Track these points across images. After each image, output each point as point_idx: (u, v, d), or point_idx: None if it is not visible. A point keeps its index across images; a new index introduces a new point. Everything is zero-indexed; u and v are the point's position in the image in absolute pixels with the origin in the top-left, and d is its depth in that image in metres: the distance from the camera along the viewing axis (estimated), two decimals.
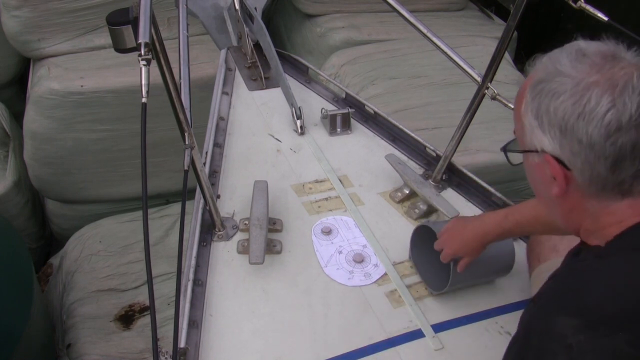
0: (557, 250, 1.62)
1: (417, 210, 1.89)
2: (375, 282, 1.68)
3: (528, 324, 1.08)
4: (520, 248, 1.76)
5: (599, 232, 1.07)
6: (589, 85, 0.98)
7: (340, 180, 1.96)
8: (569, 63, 1.02)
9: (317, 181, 1.95)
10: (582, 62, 1.01)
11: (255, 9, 2.30)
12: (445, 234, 1.59)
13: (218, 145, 1.99)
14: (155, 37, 1.19)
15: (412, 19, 1.78)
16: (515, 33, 3.31)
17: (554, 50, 1.08)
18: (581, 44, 1.06)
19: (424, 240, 1.69)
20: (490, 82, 1.67)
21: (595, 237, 1.08)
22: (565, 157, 1.02)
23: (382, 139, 2.12)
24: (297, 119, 2.08)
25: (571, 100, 0.99)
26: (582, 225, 1.10)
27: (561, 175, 1.04)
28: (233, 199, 1.85)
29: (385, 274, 1.71)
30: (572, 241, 1.58)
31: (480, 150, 2.69)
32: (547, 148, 1.04)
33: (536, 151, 1.06)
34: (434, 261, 1.66)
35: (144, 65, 0.99)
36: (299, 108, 2.10)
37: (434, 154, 2.03)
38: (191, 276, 1.59)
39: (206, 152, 1.92)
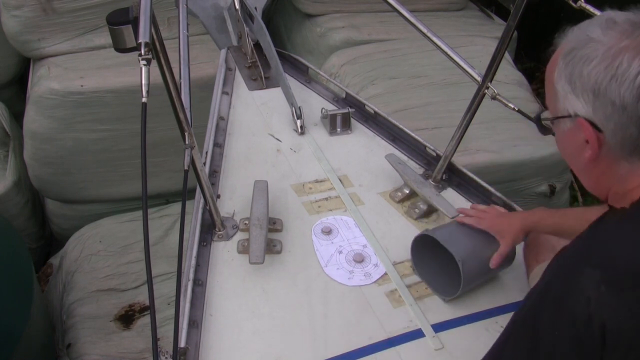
0: (556, 251, 1.62)
1: (417, 210, 1.89)
2: (375, 281, 1.69)
3: (549, 275, 1.11)
4: (519, 246, 1.76)
5: (626, 194, 1.11)
6: (620, 50, 1.03)
7: (340, 180, 1.96)
8: (600, 31, 1.06)
9: (317, 181, 1.95)
10: (612, 29, 1.06)
11: (256, 8, 2.30)
12: (492, 212, 1.66)
13: (218, 145, 1.99)
14: (155, 37, 1.19)
15: (412, 19, 1.78)
16: (515, 33, 3.31)
17: (583, 22, 1.13)
18: (611, 13, 1.10)
19: (425, 248, 1.67)
20: (491, 82, 1.67)
21: (623, 201, 1.12)
22: (598, 119, 1.06)
23: (382, 138, 2.12)
24: (297, 119, 2.09)
25: (603, 64, 1.03)
26: (612, 189, 1.14)
27: (594, 138, 1.07)
28: (233, 199, 1.85)
29: (385, 273, 1.71)
30: None
31: (480, 150, 2.69)
32: (580, 112, 1.08)
33: (569, 116, 1.10)
34: (439, 267, 1.65)
35: (144, 65, 0.99)
36: (299, 108, 2.10)
37: (434, 154, 2.03)
38: (191, 276, 1.59)
39: (206, 152, 1.92)
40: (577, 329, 1.00)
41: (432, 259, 1.68)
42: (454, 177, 2.01)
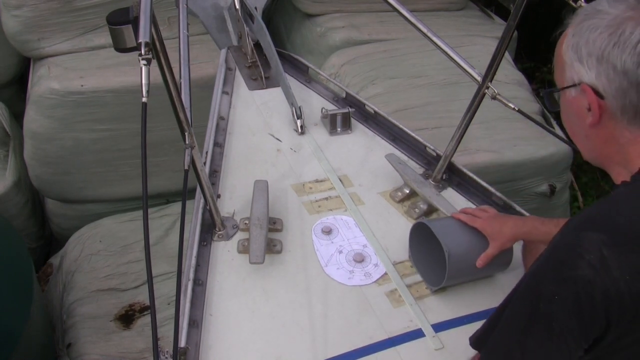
0: None
1: (417, 210, 1.89)
2: (375, 281, 1.69)
3: (555, 240, 1.13)
4: (518, 246, 1.76)
5: (627, 164, 1.15)
6: (625, 20, 1.08)
7: (340, 180, 1.96)
8: (607, 3, 1.12)
9: (317, 181, 1.95)
10: (619, 2, 1.11)
11: (256, 8, 2.30)
12: (489, 213, 1.67)
13: (218, 145, 1.99)
14: (155, 37, 1.19)
15: (412, 19, 1.78)
16: (516, 33, 3.32)
17: (590, 4, 1.18)
18: None
19: (421, 237, 1.70)
20: (491, 81, 1.67)
21: (625, 170, 1.15)
22: (601, 85, 1.10)
23: (382, 138, 2.12)
24: (297, 119, 2.08)
25: (608, 31, 1.09)
26: (614, 158, 1.18)
27: (595, 104, 1.12)
28: (233, 199, 1.85)
29: (386, 273, 1.71)
30: None
31: (480, 150, 2.69)
32: (584, 78, 1.12)
33: (574, 85, 1.14)
34: (432, 258, 1.67)
35: (144, 64, 0.99)
36: (299, 107, 2.10)
37: (434, 154, 2.03)
38: (191, 276, 1.59)
39: (206, 152, 1.92)
40: (577, 292, 1.02)
41: (427, 250, 1.70)
42: (454, 177, 2.01)
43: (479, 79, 1.69)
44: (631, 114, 1.11)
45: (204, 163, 1.86)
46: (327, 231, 1.80)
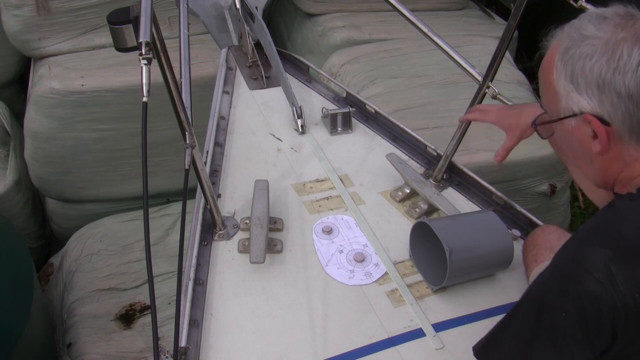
0: (555, 251, 1.62)
1: (417, 210, 1.89)
2: (376, 281, 1.69)
3: (559, 255, 1.12)
4: (519, 245, 1.76)
5: (633, 180, 1.13)
6: (618, 42, 1.06)
7: (340, 180, 1.96)
8: (593, 27, 1.09)
9: (317, 180, 1.95)
10: (605, 24, 1.08)
11: (256, 8, 2.30)
12: (498, 106, 1.63)
13: (219, 145, 1.99)
14: (156, 36, 1.19)
15: (412, 18, 1.78)
16: (516, 32, 3.32)
17: (570, 22, 1.16)
18: (596, 10, 1.14)
19: (422, 236, 1.70)
20: (491, 81, 1.68)
21: (629, 187, 1.14)
22: (605, 112, 1.08)
23: (383, 138, 2.12)
24: (298, 118, 2.08)
25: (604, 57, 1.06)
26: (618, 177, 1.16)
27: (603, 132, 1.09)
28: (234, 198, 1.85)
29: (386, 273, 1.71)
30: None
31: (481, 150, 2.69)
32: (585, 108, 1.10)
33: (574, 115, 1.12)
34: (432, 257, 1.67)
35: (144, 64, 0.99)
36: (300, 107, 2.10)
37: (435, 154, 2.03)
38: (192, 275, 1.59)
39: (207, 152, 1.92)
40: (583, 305, 1.01)
41: (428, 249, 1.70)
42: (454, 177, 2.01)
43: (480, 78, 1.69)
44: (638, 134, 1.09)
45: (205, 163, 1.86)
46: (328, 231, 1.80)
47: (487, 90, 1.68)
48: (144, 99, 0.98)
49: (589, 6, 1.44)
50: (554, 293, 1.06)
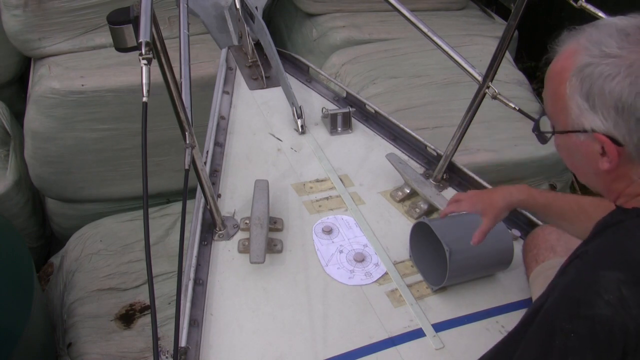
0: (555, 251, 1.62)
1: (417, 210, 1.89)
2: (376, 281, 1.69)
3: (571, 277, 1.09)
4: (519, 245, 1.76)
5: (637, 196, 1.11)
6: None
7: (340, 180, 1.96)
8: (615, 44, 1.04)
9: (317, 180, 1.95)
10: (628, 42, 1.03)
11: (256, 8, 2.30)
12: (470, 192, 1.61)
13: (219, 145, 1.99)
14: (156, 36, 1.19)
15: (412, 18, 1.78)
16: (516, 32, 3.32)
17: (585, 30, 1.10)
18: (616, 21, 1.08)
19: (422, 237, 1.70)
20: (491, 81, 1.68)
21: (635, 202, 1.12)
22: (620, 134, 1.05)
23: (383, 138, 2.12)
24: (298, 118, 2.08)
25: (627, 80, 1.01)
26: (624, 191, 1.13)
27: (614, 152, 1.06)
28: (234, 198, 1.85)
29: (386, 273, 1.71)
30: (570, 242, 1.59)
31: (481, 150, 2.69)
32: (598, 128, 1.06)
33: (584, 131, 1.08)
34: (432, 257, 1.67)
35: (144, 64, 0.99)
36: (300, 107, 2.10)
37: (435, 153, 2.03)
38: (192, 275, 1.59)
39: (207, 151, 1.93)
40: (595, 329, 0.99)
41: (428, 249, 1.70)
42: (454, 177, 2.01)
43: (480, 78, 1.69)
44: None
45: (205, 162, 1.86)
46: (328, 231, 1.80)
47: (487, 90, 1.68)
48: (144, 99, 0.98)
49: (589, 6, 1.44)
50: (565, 316, 1.03)
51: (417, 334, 1.57)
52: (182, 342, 1.44)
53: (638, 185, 1.11)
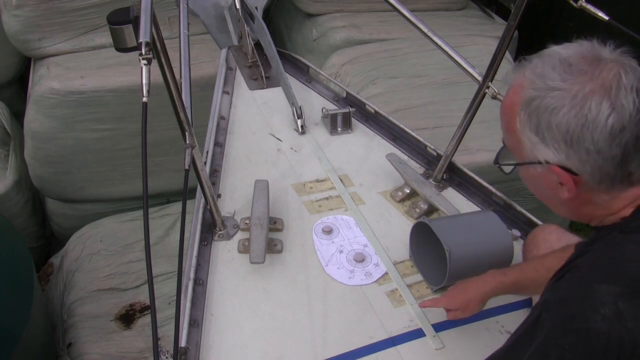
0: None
1: (417, 210, 1.89)
2: (376, 281, 1.69)
3: (565, 291, 1.09)
4: (519, 245, 1.76)
5: (613, 216, 1.11)
6: (586, 96, 1.01)
7: (340, 180, 1.96)
8: (558, 76, 1.04)
9: (317, 180, 1.95)
10: (570, 73, 1.03)
11: (256, 8, 2.30)
12: (449, 294, 1.58)
13: (219, 145, 1.99)
14: (155, 37, 1.19)
15: (412, 19, 1.78)
16: (516, 32, 3.31)
17: (532, 61, 1.10)
18: (560, 51, 1.08)
19: (422, 236, 1.70)
20: (491, 81, 1.68)
21: (610, 220, 1.12)
22: (574, 165, 1.05)
23: (383, 138, 2.12)
24: (298, 118, 2.08)
25: (572, 112, 1.01)
26: (594, 215, 1.14)
27: (571, 182, 1.07)
28: (234, 198, 1.85)
29: (386, 273, 1.71)
30: (570, 242, 1.58)
31: (481, 150, 2.69)
32: (552, 160, 1.07)
33: (539, 163, 1.08)
34: (432, 257, 1.67)
35: (144, 64, 0.99)
36: (300, 107, 2.10)
37: (435, 154, 2.03)
38: (192, 275, 1.59)
39: (207, 152, 1.93)
40: (591, 343, 0.99)
41: (428, 249, 1.70)
42: (454, 177, 2.01)
43: (480, 78, 1.69)
44: (608, 183, 1.06)
45: (205, 163, 1.86)
46: (328, 231, 1.80)
47: (487, 90, 1.68)
48: (144, 99, 0.98)
49: (589, 6, 1.44)
50: (560, 331, 1.03)
51: (417, 334, 1.57)
52: (182, 342, 1.44)
53: (606, 207, 1.11)
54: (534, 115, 1.06)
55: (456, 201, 1.92)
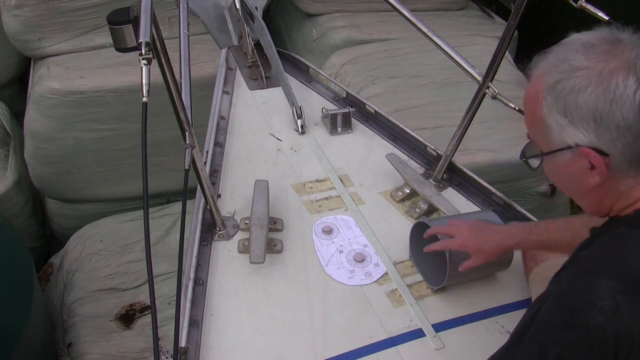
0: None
1: (417, 210, 1.89)
2: (375, 281, 1.69)
3: (564, 286, 1.09)
4: None
5: (630, 207, 1.11)
6: (612, 72, 1.02)
7: (340, 180, 1.96)
8: (582, 57, 1.05)
9: (317, 180, 1.95)
10: (594, 52, 1.05)
11: (256, 8, 2.30)
12: (462, 225, 1.57)
13: (219, 145, 1.99)
14: (155, 37, 1.19)
15: (412, 19, 1.78)
16: (516, 32, 3.31)
17: (553, 50, 1.11)
18: (580, 36, 1.09)
19: (422, 236, 1.70)
20: (491, 81, 1.68)
21: (625, 212, 1.12)
22: (603, 144, 1.05)
23: (383, 138, 2.12)
24: (298, 118, 2.09)
25: (599, 89, 1.02)
26: (614, 206, 1.14)
27: (602, 164, 1.07)
28: (234, 198, 1.85)
29: (386, 273, 1.71)
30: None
31: (481, 150, 2.69)
32: (581, 141, 1.07)
33: (569, 147, 1.08)
34: (432, 258, 1.67)
35: (144, 64, 0.99)
36: (300, 107, 2.10)
37: (435, 154, 2.03)
38: (192, 275, 1.59)
39: (207, 152, 1.93)
40: (589, 338, 0.99)
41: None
42: (454, 177, 2.01)
43: (480, 78, 1.69)
44: (637, 163, 1.07)
45: (205, 163, 1.86)
46: (328, 231, 1.80)
47: (487, 90, 1.68)
48: (144, 99, 0.98)
49: (589, 6, 1.44)
50: (558, 326, 1.04)
51: (417, 334, 1.57)
52: (182, 342, 1.44)
53: (626, 198, 1.11)
54: (561, 97, 1.06)
55: (456, 201, 1.92)
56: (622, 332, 0.98)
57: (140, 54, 0.99)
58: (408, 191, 1.93)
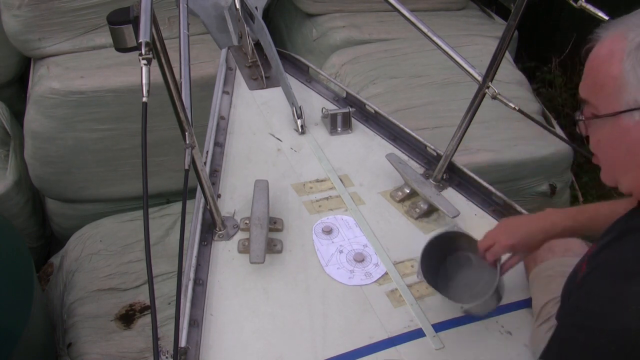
0: (553, 251, 1.62)
1: (417, 210, 1.89)
2: (375, 281, 1.69)
3: (591, 289, 1.07)
4: None
5: None
6: None
7: (340, 180, 1.96)
8: None
9: (317, 180, 1.95)
10: None
11: (256, 8, 2.30)
12: (496, 230, 1.52)
13: (219, 145, 1.99)
14: (155, 37, 1.19)
15: (412, 19, 1.78)
16: (516, 32, 3.32)
17: (626, 18, 1.10)
18: None
19: (431, 257, 1.61)
20: (491, 81, 1.68)
21: None
22: None
23: (383, 138, 2.12)
24: (298, 118, 2.09)
25: None
26: None
27: None
28: (234, 198, 1.85)
29: (386, 273, 1.71)
30: (568, 243, 1.58)
31: (481, 150, 2.69)
32: None
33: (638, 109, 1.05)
34: (447, 273, 1.63)
35: (144, 64, 0.99)
36: (300, 107, 2.10)
37: (435, 154, 2.03)
38: (192, 275, 1.59)
39: (207, 152, 1.93)
40: (624, 344, 0.98)
41: (440, 269, 1.64)
42: (454, 177, 2.01)
43: (480, 78, 1.69)
44: None
45: (205, 163, 1.86)
46: (328, 231, 1.80)
47: (487, 90, 1.68)
48: (144, 99, 0.99)
49: (589, 6, 1.44)
50: (592, 332, 1.02)
51: (417, 334, 1.57)
52: (182, 342, 1.44)
53: None
54: None
55: (456, 201, 1.92)
56: None
57: (140, 54, 1.00)
58: (408, 191, 1.93)
